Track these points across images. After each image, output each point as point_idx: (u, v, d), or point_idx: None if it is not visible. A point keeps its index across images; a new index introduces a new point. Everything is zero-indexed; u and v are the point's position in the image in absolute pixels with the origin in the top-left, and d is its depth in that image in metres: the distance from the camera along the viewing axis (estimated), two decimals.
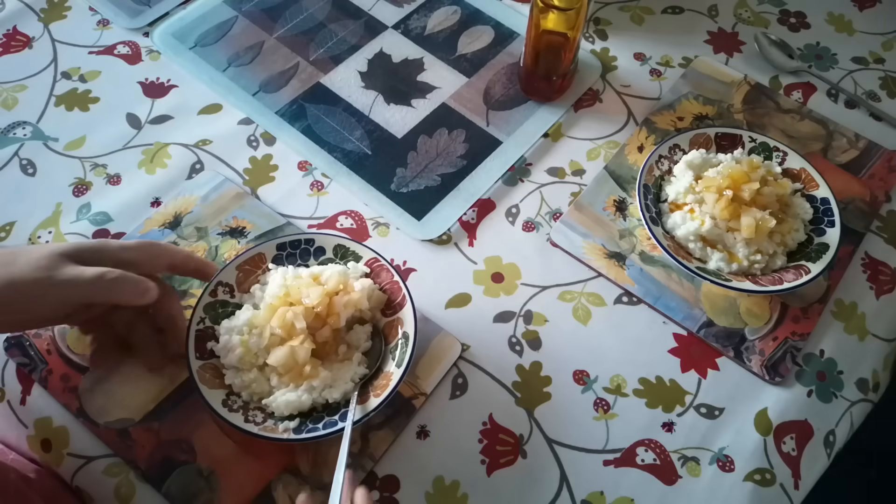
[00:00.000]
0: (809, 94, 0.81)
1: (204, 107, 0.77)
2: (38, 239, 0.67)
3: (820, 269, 0.63)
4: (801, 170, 0.70)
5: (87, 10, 0.85)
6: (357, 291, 0.58)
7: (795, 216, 0.67)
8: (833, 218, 0.66)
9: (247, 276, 0.61)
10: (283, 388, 0.56)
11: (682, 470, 0.59)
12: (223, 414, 0.54)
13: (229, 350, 0.57)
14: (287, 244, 0.62)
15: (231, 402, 0.56)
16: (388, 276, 0.61)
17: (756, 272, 0.65)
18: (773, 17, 0.88)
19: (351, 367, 0.57)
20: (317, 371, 0.56)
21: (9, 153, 0.73)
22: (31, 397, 0.60)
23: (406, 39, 0.84)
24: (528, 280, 0.67)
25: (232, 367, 0.56)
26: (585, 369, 0.63)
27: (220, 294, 0.60)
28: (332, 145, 0.75)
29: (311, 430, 0.54)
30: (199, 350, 0.57)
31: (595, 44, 0.85)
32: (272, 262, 0.62)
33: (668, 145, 0.71)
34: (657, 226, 0.66)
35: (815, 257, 0.64)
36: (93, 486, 0.56)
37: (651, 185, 0.69)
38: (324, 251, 0.63)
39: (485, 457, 0.58)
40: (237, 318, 0.58)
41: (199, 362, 0.57)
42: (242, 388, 0.56)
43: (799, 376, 0.63)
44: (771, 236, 0.65)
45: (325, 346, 0.57)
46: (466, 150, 0.75)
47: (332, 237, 0.63)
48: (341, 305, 0.57)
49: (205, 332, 0.58)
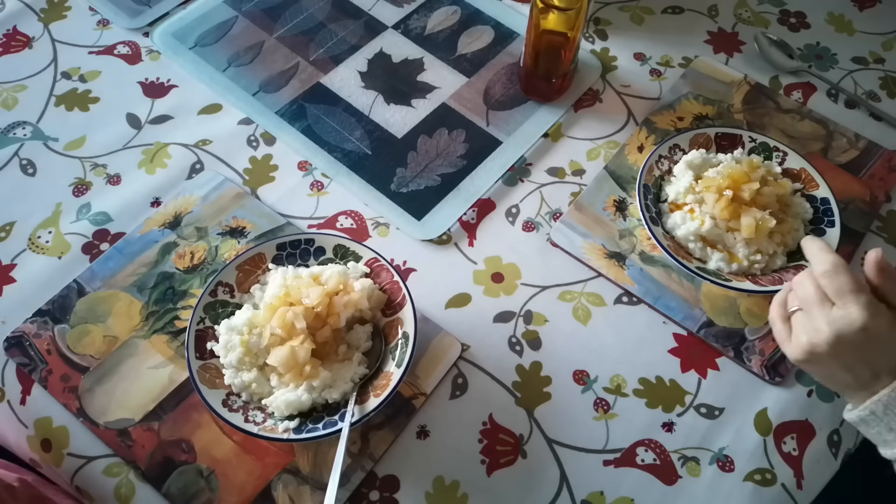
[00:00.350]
0: (809, 94, 0.81)
1: (204, 107, 0.77)
2: (38, 239, 0.67)
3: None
4: (801, 170, 0.69)
5: (87, 10, 0.85)
6: (357, 291, 0.58)
7: (795, 216, 0.67)
8: (833, 218, 0.66)
9: (247, 276, 0.61)
10: (283, 388, 0.56)
11: (682, 470, 0.59)
12: (223, 414, 0.54)
13: (229, 350, 0.56)
14: (287, 244, 0.62)
15: (231, 402, 0.56)
16: (388, 276, 0.61)
17: (756, 272, 0.65)
18: (773, 17, 0.88)
19: (351, 367, 0.57)
20: (317, 371, 0.56)
21: (9, 153, 0.73)
22: (32, 397, 0.60)
23: (406, 39, 0.84)
24: (528, 280, 0.67)
25: (232, 367, 0.56)
26: (585, 369, 0.63)
27: (220, 294, 0.60)
28: (332, 145, 0.75)
29: (311, 430, 0.54)
30: (199, 350, 0.57)
31: (595, 44, 0.85)
32: (272, 262, 0.62)
33: (668, 145, 0.71)
34: (657, 226, 0.66)
35: None
36: (93, 486, 0.56)
37: (651, 185, 0.69)
38: (324, 251, 0.63)
39: (485, 457, 0.58)
40: (237, 318, 0.58)
41: (198, 362, 0.57)
42: (242, 388, 0.56)
43: (799, 376, 0.63)
44: (771, 236, 0.65)
45: (325, 346, 0.57)
46: (466, 150, 0.75)
47: (332, 237, 0.63)
48: (341, 305, 0.57)
49: (205, 332, 0.58)
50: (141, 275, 0.65)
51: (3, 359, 0.61)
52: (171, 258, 0.66)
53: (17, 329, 0.62)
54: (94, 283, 0.65)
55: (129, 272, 0.65)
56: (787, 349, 0.54)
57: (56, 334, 0.62)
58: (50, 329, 0.62)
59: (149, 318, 0.63)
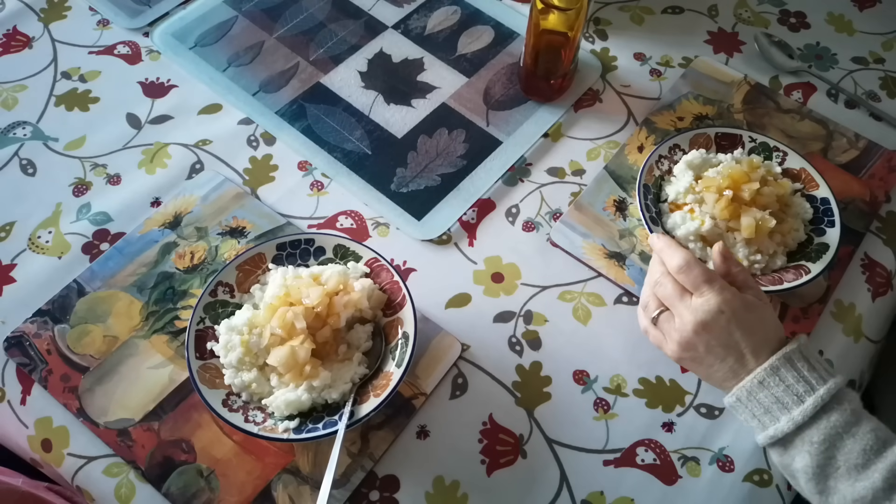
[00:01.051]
0: (809, 94, 0.81)
1: (204, 107, 0.77)
2: (38, 238, 0.67)
3: (820, 270, 0.63)
4: (801, 170, 0.69)
5: (87, 10, 0.85)
6: (357, 291, 0.58)
7: (795, 216, 0.67)
8: (833, 218, 0.66)
9: (247, 276, 0.61)
10: (283, 388, 0.56)
11: (682, 470, 0.59)
12: (223, 414, 0.54)
13: (229, 350, 0.56)
14: (287, 244, 0.62)
15: (231, 402, 0.55)
16: (388, 275, 0.61)
17: (756, 272, 0.65)
18: (773, 17, 0.88)
19: (351, 367, 0.57)
20: (317, 371, 0.56)
21: (9, 153, 0.73)
22: (32, 397, 0.60)
23: (406, 39, 0.84)
24: (528, 280, 0.67)
25: (232, 367, 0.56)
26: (585, 369, 0.63)
27: (220, 294, 0.60)
28: (332, 145, 0.75)
29: (311, 430, 0.54)
30: (199, 350, 0.57)
31: (595, 44, 0.85)
32: (272, 262, 0.62)
33: (668, 145, 0.71)
34: (657, 226, 0.66)
35: (815, 257, 0.64)
36: (93, 486, 0.56)
37: (651, 185, 0.69)
38: (324, 251, 0.63)
39: (485, 457, 0.58)
40: (237, 318, 0.58)
41: (198, 362, 0.57)
42: (242, 388, 0.56)
43: None
44: (771, 236, 0.65)
45: (325, 346, 0.57)
46: (466, 150, 0.75)
47: (332, 237, 0.63)
48: (341, 305, 0.57)
49: (205, 332, 0.58)
50: (141, 275, 0.65)
51: (3, 359, 0.61)
52: (171, 258, 0.66)
53: (17, 329, 0.62)
54: (94, 283, 0.65)
55: (129, 272, 0.65)
56: (667, 350, 0.56)
57: (56, 334, 0.62)
58: (50, 329, 0.62)
59: (149, 318, 0.63)
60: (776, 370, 0.51)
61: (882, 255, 0.70)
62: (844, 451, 0.48)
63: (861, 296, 0.68)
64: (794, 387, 0.50)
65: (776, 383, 0.51)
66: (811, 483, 0.50)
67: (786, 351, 0.51)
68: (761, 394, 0.51)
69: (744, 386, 0.52)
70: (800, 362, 0.51)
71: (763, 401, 0.51)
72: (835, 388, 0.50)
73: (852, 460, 0.48)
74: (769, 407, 0.51)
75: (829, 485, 0.49)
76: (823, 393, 0.49)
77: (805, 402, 0.50)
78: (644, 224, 0.65)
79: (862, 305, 0.67)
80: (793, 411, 0.50)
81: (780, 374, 0.51)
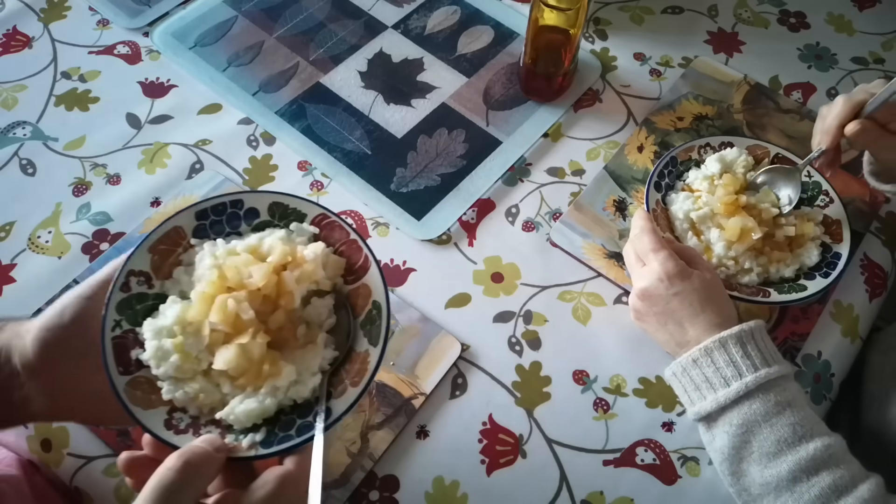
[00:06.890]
0: (809, 94, 0.81)
1: (204, 107, 0.77)
2: (37, 238, 0.68)
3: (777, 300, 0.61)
4: (836, 220, 0.66)
5: (87, 10, 0.85)
6: (309, 261, 0.46)
7: (797, 257, 0.64)
8: (832, 272, 0.63)
9: (164, 257, 0.47)
10: (239, 394, 0.44)
11: (681, 470, 0.59)
12: (167, 438, 0.41)
13: (161, 359, 0.43)
14: (209, 210, 0.48)
15: (176, 422, 0.43)
16: (343, 234, 0.48)
17: (721, 274, 0.63)
18: (773, 17, 0.88)
19: (316, 352, 0.46)
20: (278, 367, 0.44)
21: (9, 153, 0.73)
22: None
23: (406, 39, 0.84)
24: (527, 280, 0.67)
25: (169, 378, 0.44)
26: (585, 369, 0.63)
27: (133, 286, 0.45)
28: (331, 145, 0.75)
29: (283, 440, 0.42)
30: (122, 363, 0.43)
31: (595, 44, 0.85)
32: (194, 237, 0.48)
33: (722, 140, 0.69)
34: (660, 192, 0.66)
35: (787, 290, 0.62)
36: (93, 486, 0.56)
37: (679, 164, 0.69)
38: (257, 213, 0.49)
39: (484, 457, 0.59)
40: (163, 316, 0.44)
41: (124, 378, 0.43)
42: (187, 403, 0.44)
43: (798, 377, 0.63)
44: (756, 256, 0.63)
45: (280, 332, 0.46)
46: (466, 150, 0.75)
47: (264, 194, 0.49)
48: (293, 282, 0.45)
49: (124, 338, 0.44)
50: None
51: None
52: None
53: None
54: None
55: None
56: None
57: None
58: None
59: None
60: (710, 352, 0.53)
61: (880, 255, 0.70)
62: (760, 437, 0.51)
63: (859, 297, 0.68)
64: (723, 370, 0.53)
65: (708, 364, 0.53)
66: (726, 463, 0.52)
67: (723, 335, 0.53)
68: (693, 371, 0.54)
69: (679, 362, 0.55)
70: (735, 347, 0.53)
71: (695, 378, 0.54)
72: (765, 377, 0.51)
73: (766, 448, 0.50)
74: (699, 385, 0.54)
75: (741, 467, 0.51)
76: (750, 381, 0.51)
77: (731, 386, 0.52)
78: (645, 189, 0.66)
79: (859, 307, 0.67)
80: (718, 392, 0.52)
81: (713, 356, 0.53)
